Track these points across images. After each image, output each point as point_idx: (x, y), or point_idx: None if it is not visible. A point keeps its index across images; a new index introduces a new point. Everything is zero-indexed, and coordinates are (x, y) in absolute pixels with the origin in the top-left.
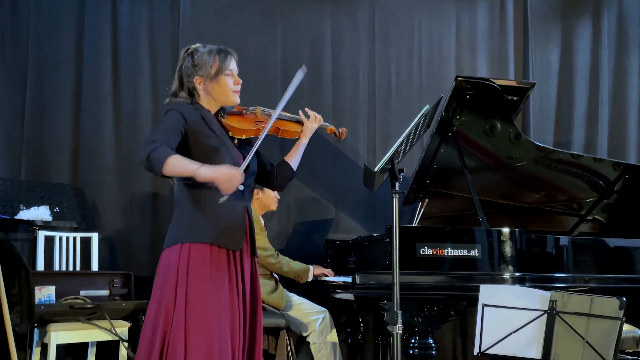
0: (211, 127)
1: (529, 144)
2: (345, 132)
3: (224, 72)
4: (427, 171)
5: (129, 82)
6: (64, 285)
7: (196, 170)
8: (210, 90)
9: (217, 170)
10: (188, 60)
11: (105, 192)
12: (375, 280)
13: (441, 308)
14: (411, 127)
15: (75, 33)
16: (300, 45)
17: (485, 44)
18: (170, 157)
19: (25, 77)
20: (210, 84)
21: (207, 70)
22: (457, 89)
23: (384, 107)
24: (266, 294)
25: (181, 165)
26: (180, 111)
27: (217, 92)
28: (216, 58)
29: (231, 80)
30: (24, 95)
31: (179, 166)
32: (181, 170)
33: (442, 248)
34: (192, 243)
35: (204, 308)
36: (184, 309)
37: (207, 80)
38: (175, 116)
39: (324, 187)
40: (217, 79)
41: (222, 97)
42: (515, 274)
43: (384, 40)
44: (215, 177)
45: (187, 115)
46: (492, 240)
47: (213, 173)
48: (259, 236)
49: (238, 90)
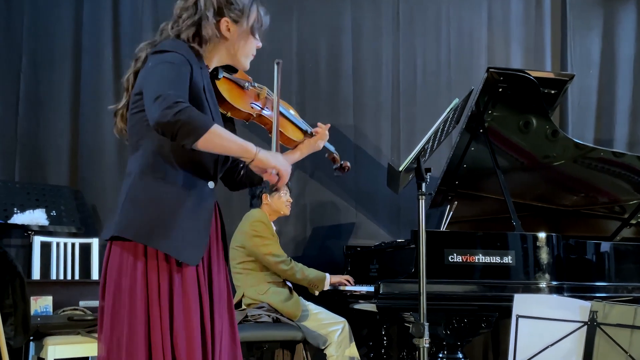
0: (207, 93)
1: (567, 142)
2: (348, 168)
3: (260, 31)
4: (456, 171)
5: None
6: (62, 295)
7: (258, 152)
8: (231, 41)
9: (277, 157)
10: None
11: (106, 194)
12: (399, 290)
13: (471, 320)
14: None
15: (73, 21)
16: (317, 35)
17: (519, 32)
18: (215, 125)
19: (19, 70)
20: (236, 35)
21: (244, 16)
22: (488, 82)
23: (409, 102)
24: (279, 302)
25: (232, 139)
26: (188, 59)
27: (238, 48)
28: (258, 10)
29: (256, 43)
30: (18, 90)
31: (229, 139)
32: (230, 145)
33: (472, 255)
34: (158, 251)
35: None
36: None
37: (237, 28)
38: (185, 66)
39: (344, 188)
40: (246, 35)
41: (238, 56)
42: (552, 283)
43: (409, 29)
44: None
45: (194, 69)
46: (526, 246)
47: (274, 158)
48: (269, 241)
49: (254, 55)
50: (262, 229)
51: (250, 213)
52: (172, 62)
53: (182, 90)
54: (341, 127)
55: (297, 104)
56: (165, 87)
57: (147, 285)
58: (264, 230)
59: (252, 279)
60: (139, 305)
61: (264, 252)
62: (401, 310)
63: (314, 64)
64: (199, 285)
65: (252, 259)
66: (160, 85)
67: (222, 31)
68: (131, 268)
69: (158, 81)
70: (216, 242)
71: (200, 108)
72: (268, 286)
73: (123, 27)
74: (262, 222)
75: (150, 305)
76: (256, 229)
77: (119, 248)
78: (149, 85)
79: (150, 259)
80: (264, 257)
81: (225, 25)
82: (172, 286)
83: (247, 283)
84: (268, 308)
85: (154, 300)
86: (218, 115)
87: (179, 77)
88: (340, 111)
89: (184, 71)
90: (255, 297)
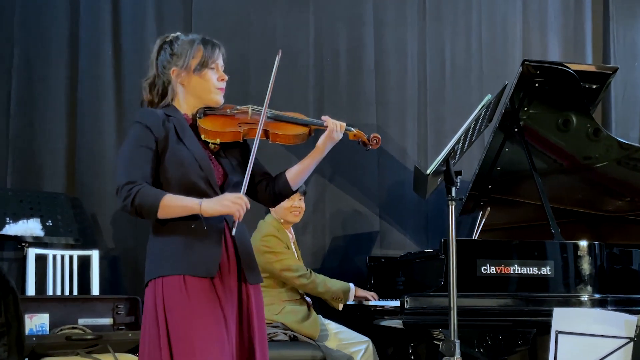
0: (181, 135)
1: (610, 141)
2: (379, 140)
3: (209, 65)
4: (489, 174)
5: (134, 72)
6: (59, 312)
7: (201, 208)
8: (189, 84)
9: (221, 200)
10: (166, 48)
11: (107, 202)
12: (428, 304)
13: (507, 337)
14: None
15: (68, 12)
16: (336, 25)
17: (557, 22)
18: (164, 198)
19: (10, 67)
20: (189, 77)
21: (187, 60)
22: (524, 76)
23: (437, 99)
24: (295, 323)
25: (178, 205)
26: (146, 124)
27: (197, 88)
28: (200, 47)
29: (215, 76)
30: (9, 89)
31: (176, 206)
32: (180, 210)
33: (507, 265)
34: (164, 277)
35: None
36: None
37: (186, 73)
38: (142, 133)
39: (367, 194)
40: (200, 72)
41: (203, 94)
42: (594, 296)
43: (437, 18)
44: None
45: (154, 128)
46: (566, 255)
47: (218, 205)
48: (284, 255)
49: (223, 88)
50: (274, 244)
51: (261, 226)
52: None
53: (136, 171)
54: (363, 127)
55: (314, 103)
56: (121, 177)
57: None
58: (277, 245)
59: (266, 297)
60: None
61: (279, 269)
62: (430, 326)
63: (332, 58)
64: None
65: (265, 275)
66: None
67: (173, 82)
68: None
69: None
70: (228, 260)
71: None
72: (283, 305)
73: (124, 18)
74: (273, 235)
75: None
76: (268, 244)
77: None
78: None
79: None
80: (280, 274)
81: (175, 74)
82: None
83: None
84: (283, 327)
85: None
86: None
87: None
88: (362, 110)
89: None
90: (270, 318)
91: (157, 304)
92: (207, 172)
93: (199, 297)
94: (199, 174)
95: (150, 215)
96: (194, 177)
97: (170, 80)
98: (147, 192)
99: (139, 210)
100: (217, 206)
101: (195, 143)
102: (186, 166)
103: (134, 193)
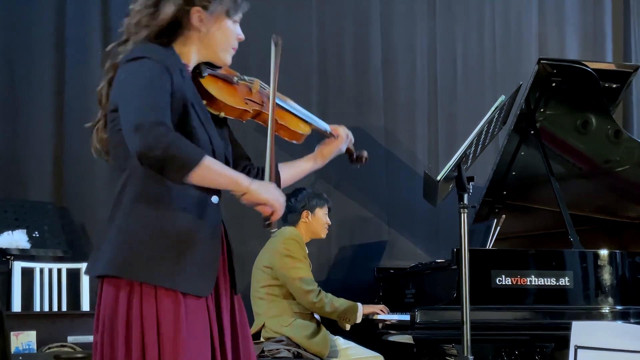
0: (192, 99)
1: (631, 144)
2: (365, 159)
3: (234, 17)
4: (503, 180)
5: None
6: (47, 329)
7: (250, 186)
8: (207, 32)
9: (269, 189)
10: None
11: (97, 211)
12: (439, 318)
13: (523, 352)
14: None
15: (54, 8)
16: (341, 22)
17: (575, 18)
18: (206, 156)
19: None
20: (211, 24)
21: (219, 4)
22: (540, 75)
23: (448, 100)
24: (305, 338)
25: (223, 173)
26: (166, 65)
27: (213, 39)
28: None
29: (234, 32)
30: None
31: (220, 173)
32: (221, 180)
33: (523, 276)
34: (157, 287)
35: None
36: None
37: (209, 17)
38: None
39: (374, 201)
40: (222, 23)
41: (215, 49)
42: (616, 308)
43: (448, 14)
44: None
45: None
46: (586, 265)
47: (266, 194)
48: (301, 264)
49: (235, 48)
50: (296, 249)
51: (284, 229)
52: (147, 75)
53: (163, 113)
54: (370, 129)
55: (318, 104)
56: (146, 113)
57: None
58: (298, 251)
59: (276, 307)
60: (135, 347)
61: (293, 276)
62: (442, 341)
63: (337, 56)
64: (209, 319)
65: (278, 283)
66: (139, 111)
67: (191, 22)
68: (127, 307)
69: (136, 105)
70: (223, 267)
71: (186, 120)
72: (293, 318)
73: (114, 13)
74: (297, 241)
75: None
76: (289, 247)
77: (112, 287)
78: (126, 106)
79: (148, 295)
80: (292, 282)
81: (197, 16)
82: (177, 323)
83: (270, 312)
84: (287, 342)
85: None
86: (209, 122)
87: (159, 95)
88: (369, 111)
89: (162, 85)
90: (277, 330)
91: (134, 315)
92: (220, 158)
93: (195, 315)
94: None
95: (179, 171)
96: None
97: (186, 19)
98: (186, 142)
99: (168, 159)
100: (264, 195)
101: (207, 115)
102: (197, 134)
103: (171, 137)
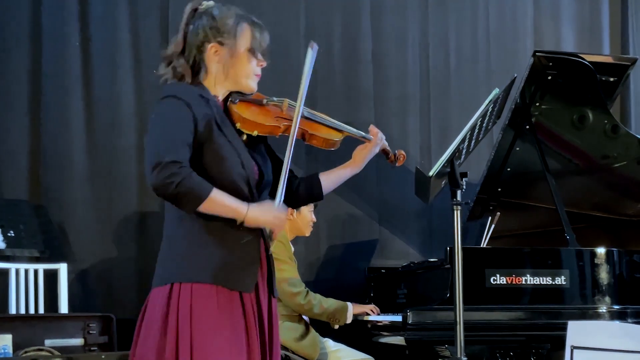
0: (219, 121)
1: (629, 139)
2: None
3: (261, 49)
4: (498, 176)
5: (105, 63)
6: (23, 333)
7: (247, 213)
8: (228, 65)
9: (266, 213)
10: (205, 18)
11: (75, 210)
12: (432, 319)
13: (519, 353)
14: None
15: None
16: (329, 14)
17: (571, 9)
18: (214, 190)
19: None
20: (231, 58)
21: (231, 37)
22: (535, 68)
23: (441, 93)
24: (294, 341)
25: (225, 204)
26: (187, 101)
27: (234, 71)
28: (248, 28)
29: (255, 60)
30: None
31: (223, 205)
32: (224, 210)
33: (518, 275)
34: (193, 283)
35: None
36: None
37: (228, 52)
38: (181, 110)
39: (365, 198)
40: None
41: (237, 79)
42: (613, 307)
43: (440, 5)
44: (267, 224)
45: (195, 108)
46: (583, 264)
47: (262, 218)
48: (287, 266)
49: (259, 75)
50: (280, 251)
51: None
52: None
53: (179, 151)
54: (359, 123)
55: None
56: (164, 152)
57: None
58: (282, 252)
59: None
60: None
61: (278, 278)
62: (435, 343)
63: (325, 48)
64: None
65: None
66: (159, 149)
67: (209, 58)
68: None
69: (155, 146)
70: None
71: (211, 138)
72: (281, 320)
73: (92, 5)
74: (281, 242)
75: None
76: (273, 249)
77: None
78: (148, 147)
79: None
80: (278, 285)
81: (213, 51)
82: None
83: None
84: None
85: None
86: (237, 140)
87: (178, 132)
88: (358, 105)
89: (182, 121)
90: None
91: (171, 311)
92: (249, 171)
93: (233, 314)
94: (240, 173)
95: (189, 205)
96: (235, 176)
97: (205, 56)
98: (197, 178)
99: (181, 196)
100: (262, 218)
101: (235, 134)
102: (228, 163)
103: (184, 175)
